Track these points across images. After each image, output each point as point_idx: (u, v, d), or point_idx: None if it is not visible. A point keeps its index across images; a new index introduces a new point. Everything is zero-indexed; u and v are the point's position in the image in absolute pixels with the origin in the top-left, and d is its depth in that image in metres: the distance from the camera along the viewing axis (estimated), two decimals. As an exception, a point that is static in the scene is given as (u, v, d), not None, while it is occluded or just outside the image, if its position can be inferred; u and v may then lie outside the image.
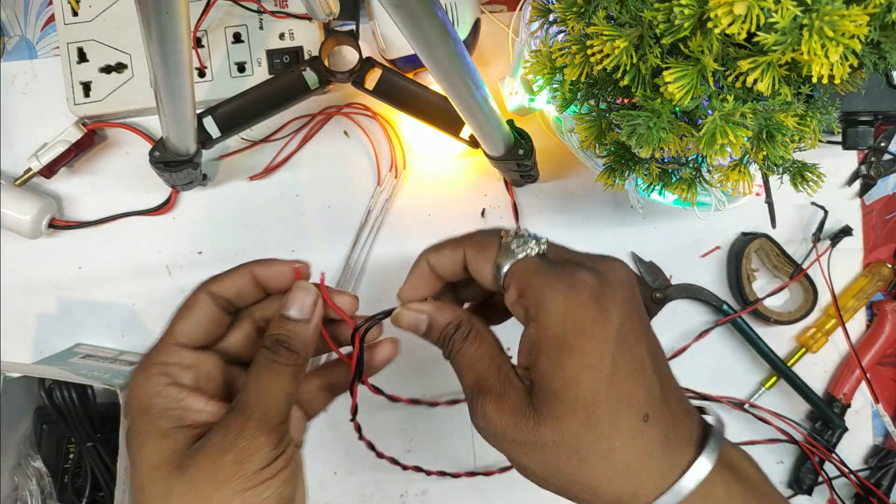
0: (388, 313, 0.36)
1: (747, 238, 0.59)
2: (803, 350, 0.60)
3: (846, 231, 0.59)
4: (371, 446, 0.55)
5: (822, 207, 0.59)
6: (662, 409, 0.30)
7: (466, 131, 0.52)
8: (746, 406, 0.59)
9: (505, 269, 0.33)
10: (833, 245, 0.58)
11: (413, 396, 0.59)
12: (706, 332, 0.59)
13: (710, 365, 0.60)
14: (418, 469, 0.58)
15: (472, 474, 0.59)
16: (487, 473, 0.59)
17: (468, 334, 0.34)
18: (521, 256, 0.32)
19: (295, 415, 0.36)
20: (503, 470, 0.59)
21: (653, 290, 0.52)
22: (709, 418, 0.32)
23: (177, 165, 0.51)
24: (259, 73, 0.57)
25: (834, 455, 0.58)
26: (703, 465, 0.29)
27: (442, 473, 0.59)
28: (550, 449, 0.30)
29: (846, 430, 0.58)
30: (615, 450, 0.29)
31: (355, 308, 0.37)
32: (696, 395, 0.59)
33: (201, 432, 0.32)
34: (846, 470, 0.58)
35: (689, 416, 0.31)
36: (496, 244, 0.33)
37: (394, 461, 0.57)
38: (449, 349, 0.35)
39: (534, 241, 0.33)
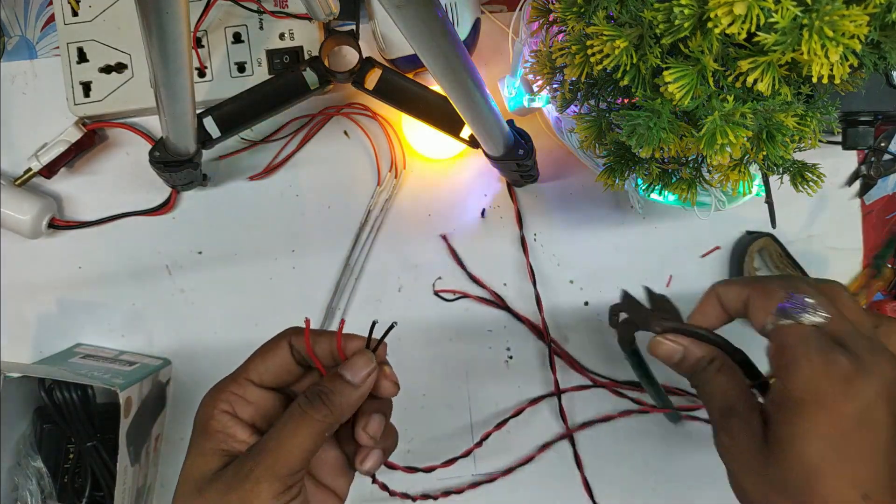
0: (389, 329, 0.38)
1: (751, 237, 0.59)
2: (803, 350, 0.60)
3: None
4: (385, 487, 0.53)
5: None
6: (887, 494, 0.32)
7: (466, 131, 0.52)
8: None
9: (775, 324, 0.35)
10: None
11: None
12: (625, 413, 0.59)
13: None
14: (415, 469, 0.58)
15: (474, 485, 0.59)
16: (491, 479, 0.59)
17: (721, 367, 0.38)
18: (794, 319, 0.35)
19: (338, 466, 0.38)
20: (505, 473, 0.59)
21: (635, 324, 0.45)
22: None
23: (177, 165, 0.51)
24: (259, 73, 0.57)
25: None
26: None
27: (446, 494, 0.59)
28: (771, 484, 0.33)
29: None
30: None
31: (393, 393, 0.38)
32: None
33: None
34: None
35: None
36: (782, 297, 0.35)
37: (392, 466, 0.57)
38: (700, 378, 0.39)
39: (812, 312, 0.35)
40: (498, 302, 0.59)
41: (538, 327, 0.59)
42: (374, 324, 0.38)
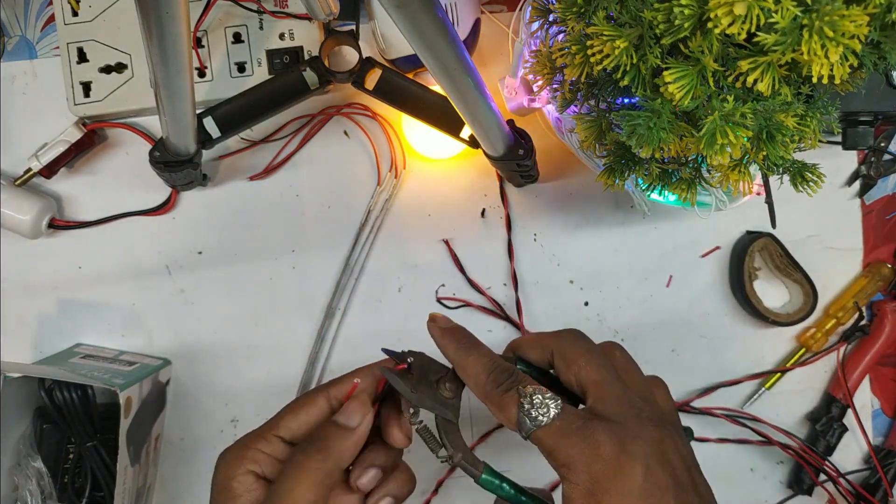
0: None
1: (752, 237, 0.59)
2: (803, 350, 0.60)
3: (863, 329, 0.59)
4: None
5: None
6: None
7: (466, 131, 0.52)
8: (741, 418, 0.60)
9: (528, 433, 0.34)
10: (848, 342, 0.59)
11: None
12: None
13: (709, 365, 0.60)
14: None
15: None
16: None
17: None
18: (543, 423, 0.33)
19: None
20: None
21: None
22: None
23: (177, 165, 0.51)
24: (259, 73, 0.57)
25: (826, 462, 0.58)
26: None
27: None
28: None
29: (846, 429, 0.59)
30: None
31: (403, 444, 0.37)
32: (692, 409, 0.60)
33: None
34: (841, 480, 0.58)
35: None
36: (515, 406, 0.34)
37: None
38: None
39: (551, 403, 0.34)
40: (497, 311, 0.59)
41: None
42: (393, 364, 0.37)
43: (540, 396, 0.34)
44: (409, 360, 0.37)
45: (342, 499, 0.36)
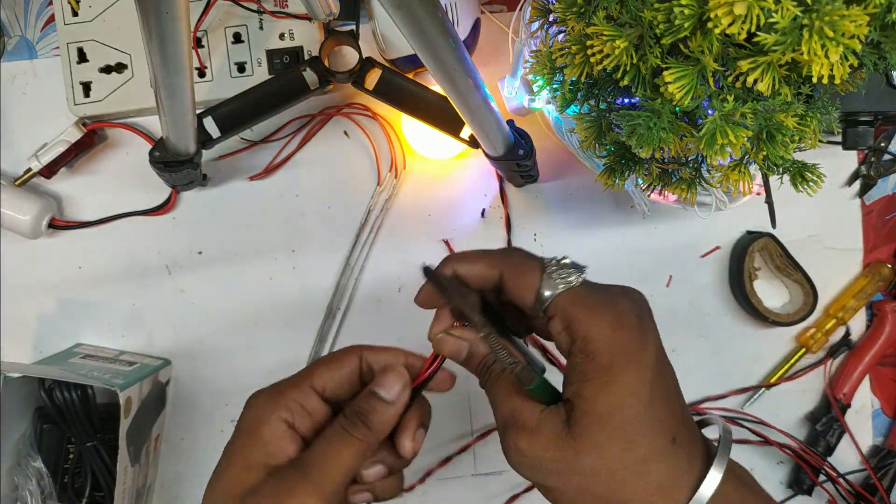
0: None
1: (752, 237, 0.59)
2: (803, 350, 0.60)
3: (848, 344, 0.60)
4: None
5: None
6: (685, 429, 0.32)
7: (466, 131, 0.52)
8: (741, 419, 0.60)
9: (548, 299, 0.33)
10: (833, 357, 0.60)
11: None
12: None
13: (709, 365, 0.60)
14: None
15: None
16: (491, 473, 0.59)
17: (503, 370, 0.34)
18: (563, 288, 0.32)
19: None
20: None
21: None
22: (716, 429, 0.34)
23: (177, 166, 0.51)
24: (259, 73, 0.57)
25: (826, 462, 0.58)
26: (715, 476, 0.31)
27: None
28: (588, 474, 0.31)
29: (842, 431, 0.59)
30: (650, 472, 0.31)
31: (411, 456, 0.37)
32: (694, 412, 0.60)
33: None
34: (840, 480, 0.58)
35: (698, 433, 0.33)
36: (538, 271, 0.33)
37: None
38: (485, 380, 0.35)
39: (574, 271, 0.33)
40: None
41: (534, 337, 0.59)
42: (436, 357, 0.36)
43: (567, 260, 0.33)
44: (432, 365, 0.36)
45: (370, 469, 0.36)
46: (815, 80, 0.31)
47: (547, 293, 0.32)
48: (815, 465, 0.58)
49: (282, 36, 0.57)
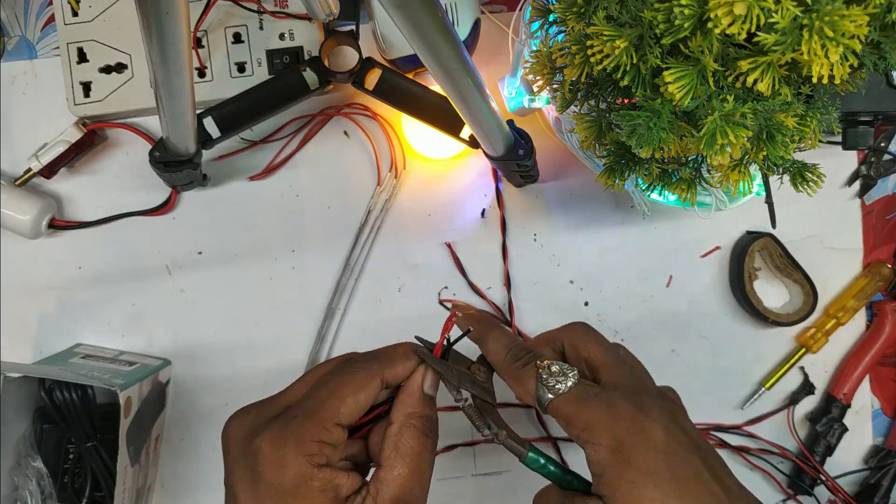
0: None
1: (752, 237, 0.59)
2: (803, 350, 0.60)
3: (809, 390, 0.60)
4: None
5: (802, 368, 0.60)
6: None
7: (466, 131, 0.52)
8: (737, 433, 0.60)
9: (547, 403, 0.35)
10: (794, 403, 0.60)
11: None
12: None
13: (709, 365, 0.60)
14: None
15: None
16: (491, 473, 0.59)
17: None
18: (561, 391, 0.35)
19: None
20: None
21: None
22: None
23: (177, 166, 0.51)
24: (259, 74, 0.57)
25: (823, 470, 0.58)
26: None
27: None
28: None
29: (846, 429, 0.59)
30: None
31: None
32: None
33: None
34: (840, 491, 0.58)
35: None
36: (533, 378, 0.35)
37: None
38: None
39: (569, 373, 0.35)
40: (497, 316, 0.59)
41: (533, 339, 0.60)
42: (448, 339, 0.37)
43: (557, 367, 0.35)
44: (445, 342, 0.37)
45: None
46: (815, 80, 0.31)
47: (544, 398, 0.35)
48: (813, 475, 0.58)
49: (282, 36, 0.57)
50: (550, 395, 0.34)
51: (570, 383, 0.34)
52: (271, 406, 0.34)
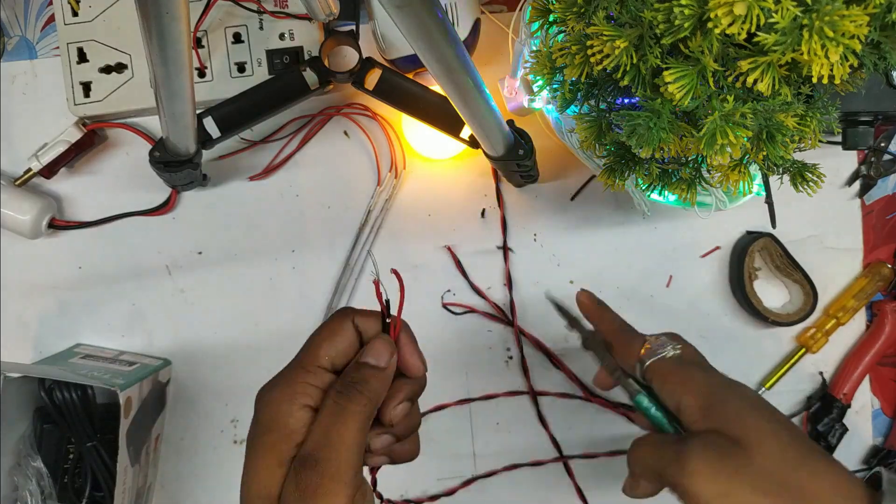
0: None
1: (752, 237, 0.59)
2: (803, 350, 0.60)
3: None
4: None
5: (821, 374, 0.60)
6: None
7: (466, 131, 0.52)
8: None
9: (649, 362, 0.40)
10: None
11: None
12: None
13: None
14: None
15: (470, 481, 0.59)
16: (488, 474, 0.59)
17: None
18: (665, 356, 0.40)
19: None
20: (508, 468, 0.59)
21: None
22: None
23: (177, 166, 0.51)
24: (259, 74, 0.57)
25: None
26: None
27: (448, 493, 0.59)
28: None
29: (846, 429, 0.58)
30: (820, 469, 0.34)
31: (421, 371, 0.38)
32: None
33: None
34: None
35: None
36: (642, 342, 0.42)
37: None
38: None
39: (672, 345, 0.41)
40: (500, 316, 0.59)
41: (534, 338, 0.60)
42: (387, 301, 0.37)
43: (665, 338, 0.42)
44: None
45: (375, 439, 0.36)
46: (815, 80, 0.31)
47: (646, 359, 0.41)
48: None
49: (282, 36, 0.57)
50: (656, 357, 0.40)
51: (673, 352, 0.40)
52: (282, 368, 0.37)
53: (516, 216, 0.60)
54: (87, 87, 0.56)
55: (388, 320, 0.37)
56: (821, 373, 0.60)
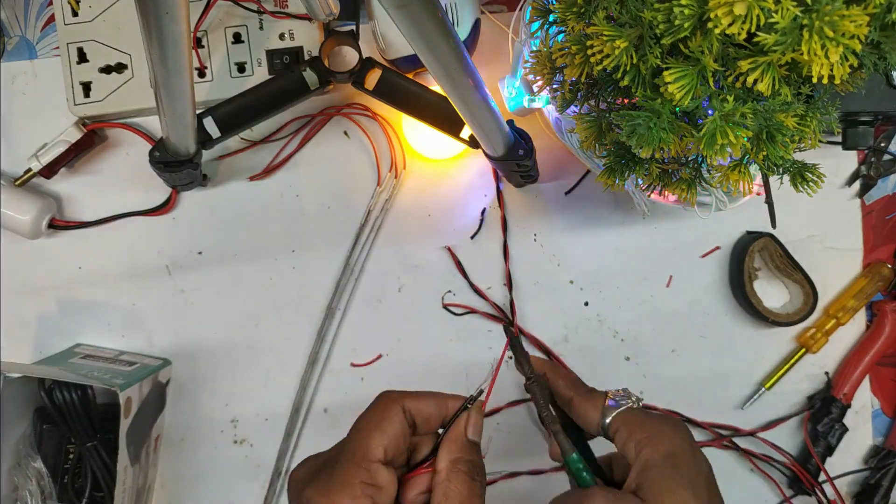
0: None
1: (751, 237, 0.59)
2: (803, 350, 0.60)
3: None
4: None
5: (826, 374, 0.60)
6: None
7: (466, 131, 0.52)
8: (737, 436, 0.60)
9: (611, 416, 0.37)
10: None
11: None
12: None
13: (709, 365, 0.60)
14: None
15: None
16: (488, 483, 0.59)
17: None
18: (629, 406, 0.38)
19: None
20: (506, 477, 0.59)
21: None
22: None
23: (177, 166, 0.51)
24: (259, 74, 0.57)
25: (827, 473, 0.58)
26: None
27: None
28: None
29: (846, 430, 0.58)
30: None
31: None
32: (692, 423, 0.60)
33: None
34: (832, 488, 0.58)
35: None
36: (603, 396, 0.39)
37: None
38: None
39: (634, 397, 0.39)
40: (500, 316, 0.59)
41: (535, 338, 0.60)
42: (480, 392, 0.38)
43: (624, 391, 0.39)
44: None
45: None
46: (815, 80, 0.31)
47: (609, 413, 0.38)
48: (809, 484, 0.58)
49: (282, 36, 0.57)
50: (621, 408, 0.37)
51: (636, 404, 0.38)
52: (324, 455, 0.35)
53: (516, 216, 0.60)
54: (87, 87, 0.56)
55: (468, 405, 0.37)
56: (826, 373, 0.60)
